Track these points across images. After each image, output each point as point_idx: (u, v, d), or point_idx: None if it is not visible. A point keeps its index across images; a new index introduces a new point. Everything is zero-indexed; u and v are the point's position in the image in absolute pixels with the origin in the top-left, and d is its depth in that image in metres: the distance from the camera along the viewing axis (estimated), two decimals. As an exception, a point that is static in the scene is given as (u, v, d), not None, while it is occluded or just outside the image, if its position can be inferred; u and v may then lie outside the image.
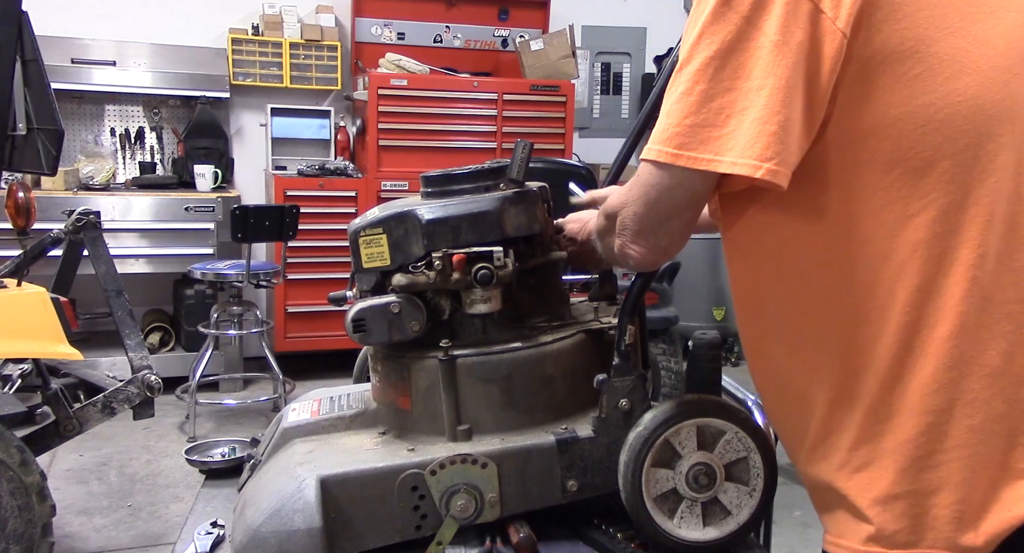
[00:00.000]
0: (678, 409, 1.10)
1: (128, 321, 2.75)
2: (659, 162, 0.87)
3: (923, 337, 0.88)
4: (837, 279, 0.90)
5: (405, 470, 1.12)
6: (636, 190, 0.93)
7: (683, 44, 0.87)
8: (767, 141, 0.81)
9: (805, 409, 0.97)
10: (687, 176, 0.87)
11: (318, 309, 4.68)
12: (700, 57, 0.84)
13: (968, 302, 0.86)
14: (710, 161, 0.84)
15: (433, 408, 1.19)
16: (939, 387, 0.88)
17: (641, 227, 0.94)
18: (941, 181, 0.85)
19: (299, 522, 1.08)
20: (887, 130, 0.84)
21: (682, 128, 0.85)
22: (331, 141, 5.12)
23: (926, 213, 0.86)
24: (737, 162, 0.82)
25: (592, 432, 1.15)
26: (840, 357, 0.92)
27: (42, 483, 2.32)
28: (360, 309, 1.18)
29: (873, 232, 0.87)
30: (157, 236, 4.56)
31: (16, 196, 2.77)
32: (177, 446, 3.73)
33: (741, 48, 0.82)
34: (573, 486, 1.15)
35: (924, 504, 0.91)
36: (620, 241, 0.97)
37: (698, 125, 0.84)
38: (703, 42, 0.84)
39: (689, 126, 0.84)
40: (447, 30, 5.26)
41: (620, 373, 1.14)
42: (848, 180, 0.87)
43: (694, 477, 1.10)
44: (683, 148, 0.85)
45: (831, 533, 0.99)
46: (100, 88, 4.70)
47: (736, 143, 0.82)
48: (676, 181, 0.88)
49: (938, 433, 0.89)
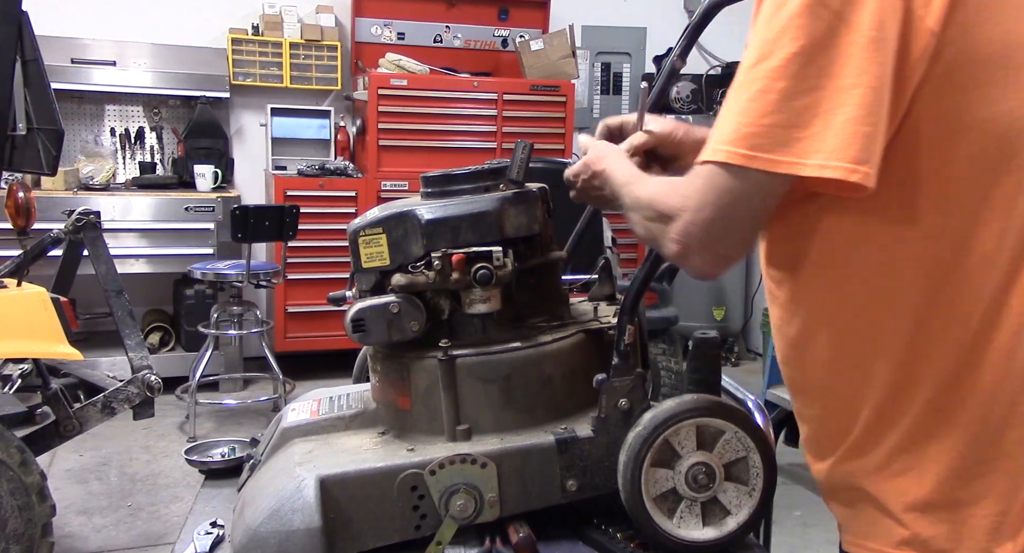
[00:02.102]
0: (677, 409, 1.10)
1: (128, 321, 2.76)
2: (730, 164, 0.82)
3: (989, 346, 0.87)
4: (915, 284, 0.88)
5: (404, 470, 1.12)
6: (704, 194, 0.86)
7: (757, 38, 0.83)
8: (861, 142, 0.78)
9: (850, 410, 0.95)
10: (766, 180, 0.82)
11: (318, 309, 4.68)
12: (782, 53, 0.80)
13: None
14: (791, 164, 0.80)
15: (432, 408, 1.19)
16: (996, 397, 0.88)
17: (709, 235, 0.87)
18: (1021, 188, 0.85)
19: (298, 522, 1.08)
20: (971, 132, 0.83)
21: (758, 128, 0.81)
22: (331, 141, 5.12)
23: (1012, 219, 0.85)
24: (827, 165, 0.79)
25: (591, 432, 1.15)
26: (900, 362, 0.90)
27: (42, 483, 2.32)
28: (359, 309, 1.18)
29: (957, 235, 0.86)
30: (157, 236, 4.56)
31: (16, 196, 2.77)
32: (177, 446, 3.73)
33: (831, 45, 0.79)
34: (573, 486, 1.15)
35: (964, 512, 0.90)
36: (679, 248, 0.89)
37: (777, 125, 0.80)
38: (786, 37, 0.79)
39: (767, 126, 0.80)
40: (447, 30, 5.26)
41: (619, 373, 1.14)
42: (938, 182, 0.85)
43: (693, 477, 1.10)
44: (759, 149, 0.80)
45: (854, 534, 0.98)
46: (100, 88, 4.70)
47: (824, 145, 0.79)
48: (752, 185, 0.83)
49: (987, 443, 0.88)
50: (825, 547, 2.98)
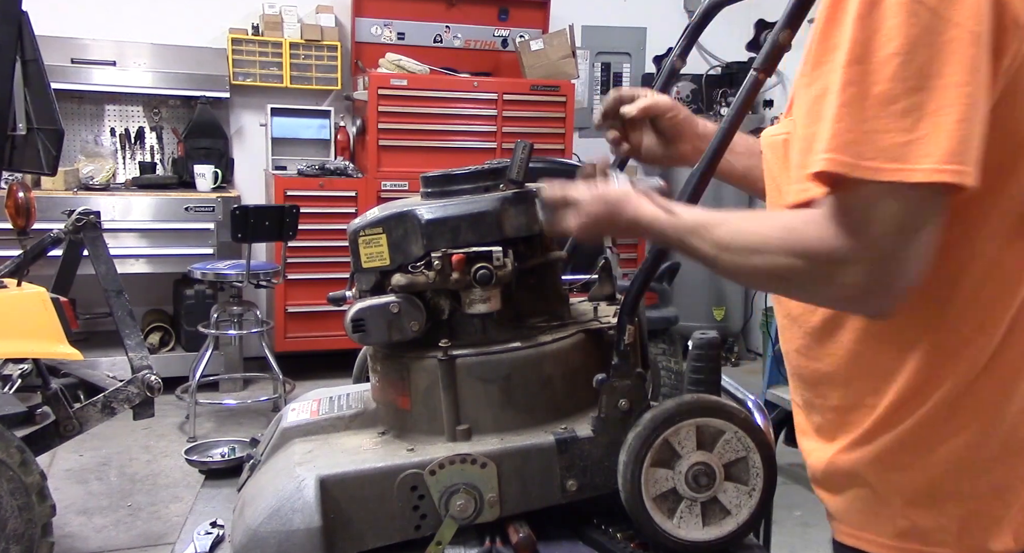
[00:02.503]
0: (677, 409, 1.10)
1: (128, 321, 2.76)
2: (877, 181, 0.77)
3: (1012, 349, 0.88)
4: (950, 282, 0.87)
5: (404, 470, 1.12)
6: (875, 224, 0.79)
7: (845, 38, 0.78)
8: (970, 143, 0.75)
9: (866, 402, 0.94)
10: (937, 194, 0.77)
11: (318, 309, 4.68)
12: (882, 54, 0.76)
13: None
14: (896, 171, 0.76)
15: (432, 408, 1.19)
16: (1011, 397, 0.88)
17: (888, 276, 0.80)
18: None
19: (298, 522, 1.08)
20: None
21: (856, 135, 0.77)
22: (331, 141, 5.12)
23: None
24: (941, 169, 0.75)
25: (591, 432, 1.15)
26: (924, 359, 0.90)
27: (42, 483, 2.32)
28: (359, 309, 1.18)
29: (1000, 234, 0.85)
30: (157, 236, 4.56)
31: (16, 196, 2.77)
32: (177, 446, 3.73)
33: (931, 42, 0.75)
34: (573, 486, 1.15)
35: (967, 507, 0.90)
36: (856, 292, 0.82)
37: (878, 131, 0.76)
38: (883, 37, 0.76)
39: (865, 132, 0.76)
40: (447, 30, 5.26)
41: (619, 373, 1.14)
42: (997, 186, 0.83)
43: (693, 477, 1.10)
44: (861, 157, 0.77)
45: (849, 525, 0.98)
46: (100, 88, 4.70)
47: (934, 148, 0.75)
48: (924, 204, 0.77)
49: (997, 440, 0.89)
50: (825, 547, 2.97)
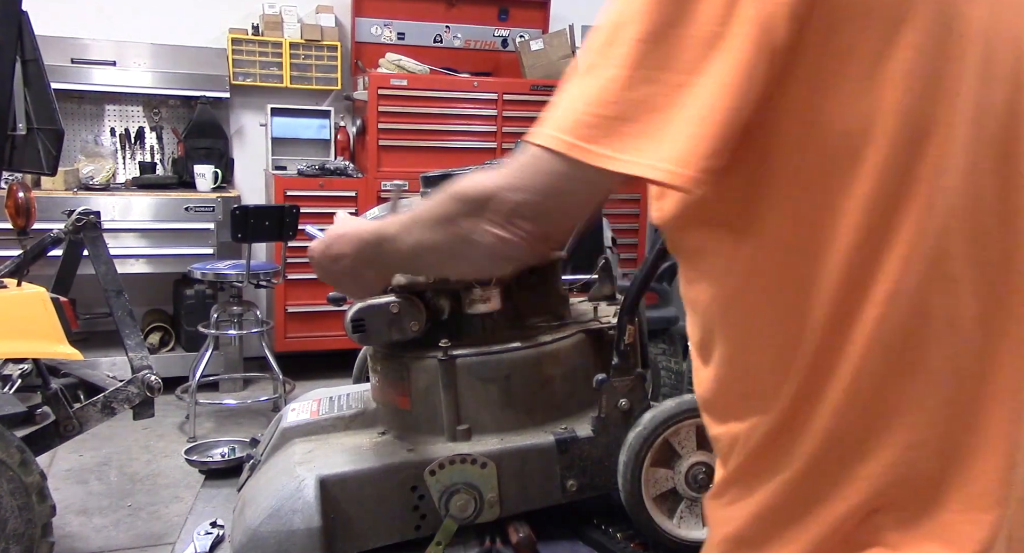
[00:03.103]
0: (677, 409, 1.10)
1: (128, 321, 2.75)
2: (556, 151, 0.74)
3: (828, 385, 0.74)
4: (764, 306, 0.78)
5: (404, 470, 1.12)
6: (529, 177, 0.78)
7: (607, 19, 0.75)
8: (692, 144, 0.69)
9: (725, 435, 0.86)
10: (594, 173, 0.73)
11: (318, 309, 4.68)
12: (626, 37, 0.71)
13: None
14: (608, 158, 0.71)
15: (432, 408, 1.19)
16: (830, 442, 0.74)
17: (534, 213, 0.79)
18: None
19: (298, 522, 1.08)
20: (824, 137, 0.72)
21: (590, 118, 0.72)
22: (331, 141, 5.12)
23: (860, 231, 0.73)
24: (657, 166, 0.70)
25: (591, 432, 1.15)
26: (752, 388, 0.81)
27: (42, 483, 2.32)
28: (360, 309, 1.18)
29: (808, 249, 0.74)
30: (157, 236, 4.56)
31: (16, 196, 2.77)
32: (177, 446, 3.73)
33: (673, 35, 0.70)
34: (573, 486, 1.15)
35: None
36: (501, 230, 0.80)
37: (608, 116, 0.71)
38: (632, 22, 0.71)
39: (597, 115, 0.72)
40: (447, 30, 5.26)
41: (619, 373, 1.14)
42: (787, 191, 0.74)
43: (693, 476, 1.10)
44: (588, 140, 0.72)
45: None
46: (100, 88, 4.70)
47: (651, 143, 0.70)
48: (579, 175, 0.74)
49: (809, 488, 0.75)
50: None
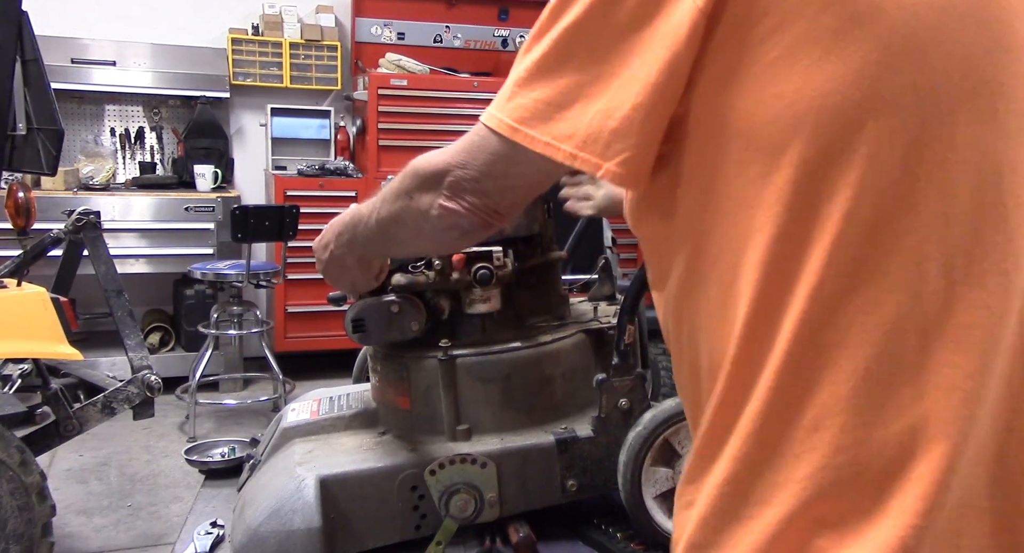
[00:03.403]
0: (677, 409, 1.10)
1: (128, 321, 2.75)
2: (498, 133, 0.76)
3: (758, 378, 0.70)
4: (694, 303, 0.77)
5: (404, 470, 1.12)
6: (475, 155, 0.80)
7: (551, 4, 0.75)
8: (611, 136, 0.69)
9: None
10: (534, 156, 0.74)
11: (318, 309, 4.68)
12: (561, 25, 0.72)
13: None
14: (547, 145, 0.72)
15: (432, 408, 1.19)
16: (759, 435, 0.70)
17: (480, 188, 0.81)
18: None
19: (298, 522, 1.08)
20: (744, 123, 0.69)
21: (529, 101, 0.73)
22: (331, 141, 5.12)
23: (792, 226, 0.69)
24: (577, 155, 0.71)
25: (591, 432, 1.15)
26: (691, 384, 0.80)
27: (42, 483, 2.32)
28: (360, 309, 1.18)
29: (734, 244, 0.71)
30: (157, 236, 4.56)
31: (16, 196, 2.77)
32: (177, 446, 3.73)
33: (599, 24, 0.70)
34: (573, 486, 1.15)
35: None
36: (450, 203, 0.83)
37: (544, 101, 0.72)
38: (568, 8, 0.72)
39: (537, 100, 0.73)
40: (447, 30, 5.26)
41: (619, 373, 1.14)
42: (709, 183, 0.72)
43: (693, 477, 1.10)
44: (527, 124, 0.73)
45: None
46: (100, 88, 4.70)
47: (579, 131, 0.71)
48: (520, 157, 0.76)
49: (743, 484, 0.71)
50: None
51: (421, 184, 0.86)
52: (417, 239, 0.93)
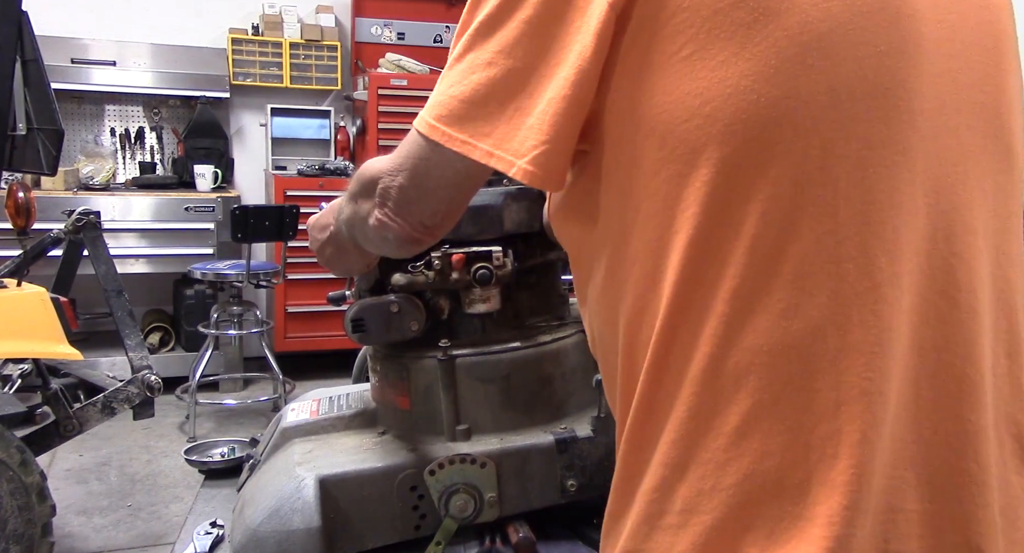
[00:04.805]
0: (677, 409, 1.09)
1: (128, 321, 2.76)
2: (423, 134, 0.74)
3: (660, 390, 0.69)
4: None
5: (404, 470, 1.12)
6: (404, 159, 0.78)
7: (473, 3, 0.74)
8: (524, 134, 0.68)
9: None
10: (454, 157, 0.72)
11: (318, 309, 4.68)
12: (475, 23, 0.71)
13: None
14: (464, 144, 0.71)
15: (432, 408, 1.19)
16: (678, 438, 0.68)
17: (404, 198, 0.79)
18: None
19: (298, 522, 1.08)
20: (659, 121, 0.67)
21: (447, 99, 0.72)
22: (331, 141, 5.12)
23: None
24: (493, 153, 0.69)
25: (591, 432, 1.15)
26: (614, 398, 0.79)
27: (42, 483, 2.32)
28: (359, 309, 1.18)
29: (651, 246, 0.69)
30: (157, 236, 4.56)
31: (16, 196, 2.77)
32: (177, 446, 3.73)
33: (507, 19, 0.69)
34: (572, 486, 1.15)
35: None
36: (380, 213, 0.81)
37: (460, 99, 0.71)
38: (483, 6, 0.71)
39: (455, 99, 0.71)
40: (447, 30, 5.26)
41: (619, 373, 1.14)
42: (627, 184, 0.70)
43: (693, 477, 1.10)
44: (442, 122, 0.72)
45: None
46: (100, 88, 4.70)
47: (495, 130, 0.69)
48: (441, 159, 0.74)
49: (671, 491, 0.68)
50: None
51: (361, 190, 0.84)
52: (367, 244, 0.91)
